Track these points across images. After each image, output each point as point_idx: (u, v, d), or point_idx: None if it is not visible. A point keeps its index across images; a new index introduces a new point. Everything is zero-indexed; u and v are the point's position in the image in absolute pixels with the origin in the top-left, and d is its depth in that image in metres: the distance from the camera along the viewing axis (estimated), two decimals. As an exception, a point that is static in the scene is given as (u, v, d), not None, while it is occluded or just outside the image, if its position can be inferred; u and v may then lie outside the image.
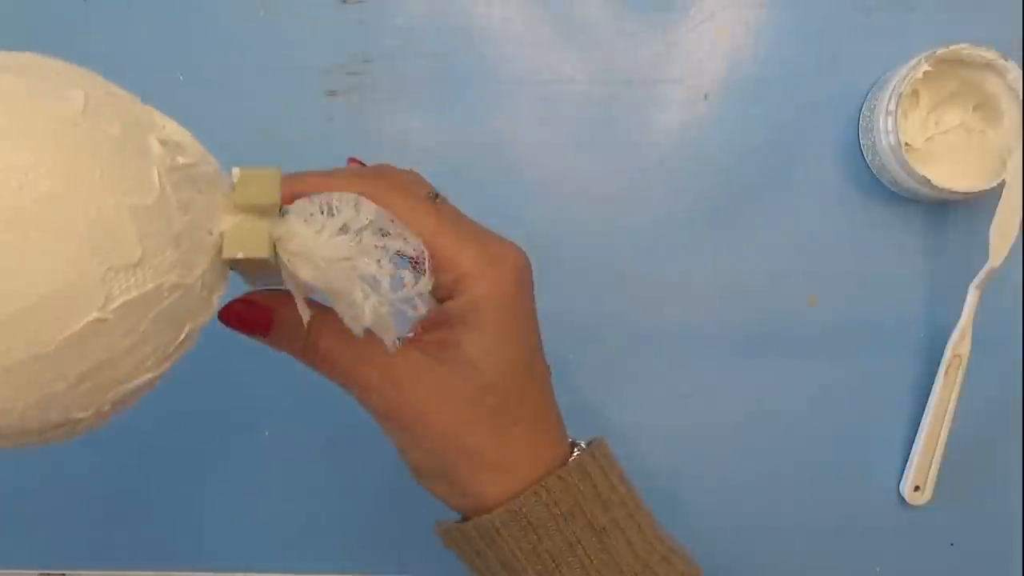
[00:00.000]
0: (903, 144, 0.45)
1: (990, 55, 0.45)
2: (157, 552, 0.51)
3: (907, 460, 0.50)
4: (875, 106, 0.47)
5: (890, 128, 0.45)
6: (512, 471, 0.31)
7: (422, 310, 0.27)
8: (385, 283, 0.26)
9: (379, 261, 0.26)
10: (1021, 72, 0.45)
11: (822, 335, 0.50)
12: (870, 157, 0.49)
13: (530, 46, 0.50)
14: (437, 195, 0.32)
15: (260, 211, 0.26)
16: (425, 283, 0.27)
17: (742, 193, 0.50)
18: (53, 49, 0.52)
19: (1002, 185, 0.45)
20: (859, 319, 0.50)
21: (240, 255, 0.25)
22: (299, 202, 0.26)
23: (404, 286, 0.27)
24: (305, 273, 0.26)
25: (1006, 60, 0.45)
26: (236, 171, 0.26)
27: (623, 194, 0.50)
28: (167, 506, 0.51)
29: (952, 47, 0.45)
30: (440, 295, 0.31)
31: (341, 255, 0.25)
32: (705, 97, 0.50)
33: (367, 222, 0.26)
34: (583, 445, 0.34)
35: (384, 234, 0.26)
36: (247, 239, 0.25)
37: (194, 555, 0.51)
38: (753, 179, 0.50)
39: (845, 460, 0.50)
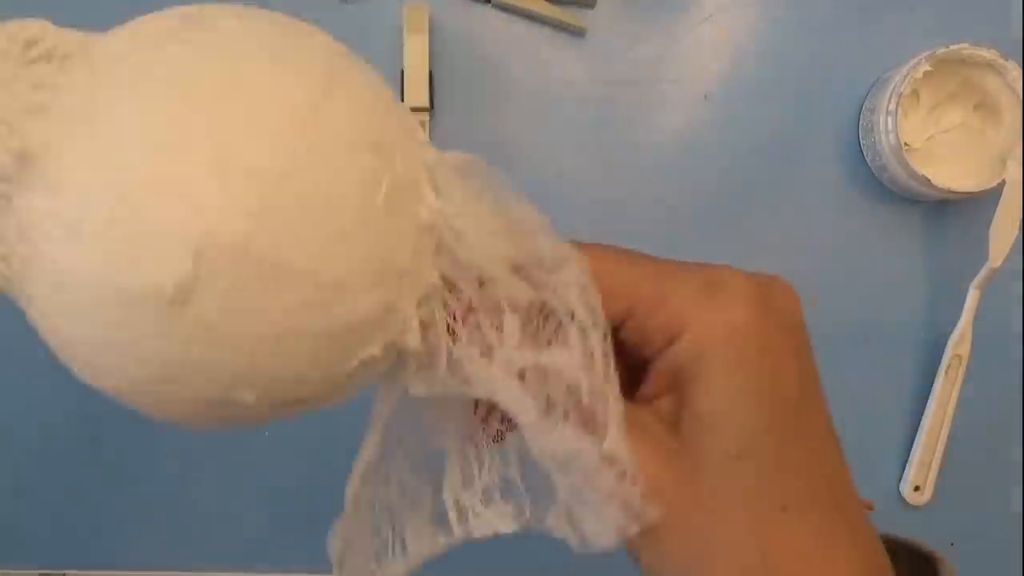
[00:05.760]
0: (903, 144, 0.45)
1: (990, 55, 0.45)
2: (157, 552, 0.51)
3: (907, 460, 0.50)
4: (875, 106, 0.47)
5: (890, 128, 0.45)
6: None
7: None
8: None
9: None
10: (1021, 72, 0.45)
11: (822, 335, 0.49)
12: (870, 157, 0.49)
13: (530, 46, 0.50)
14: None
15: None
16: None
17: (742, 193, 0.50)
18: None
19: (1002, 185, 0.46)
20: (859, 319, 0.50)
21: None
22: None
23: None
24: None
25: (1006, 60, 0.45)
26: None
27: (623, 194, 0.50)
28: (167, 506, 0.51)
29: (952, 47, 0.45)
30: (655, 345, 0.23)
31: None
32: (705, 97, 0.50)
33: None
34: (924, 552, 0.25)
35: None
36: None
37: (194, 555, 0.51)
38: (753, 179, 0.50)
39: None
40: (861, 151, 0.49)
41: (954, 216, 0.50)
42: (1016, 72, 0.45)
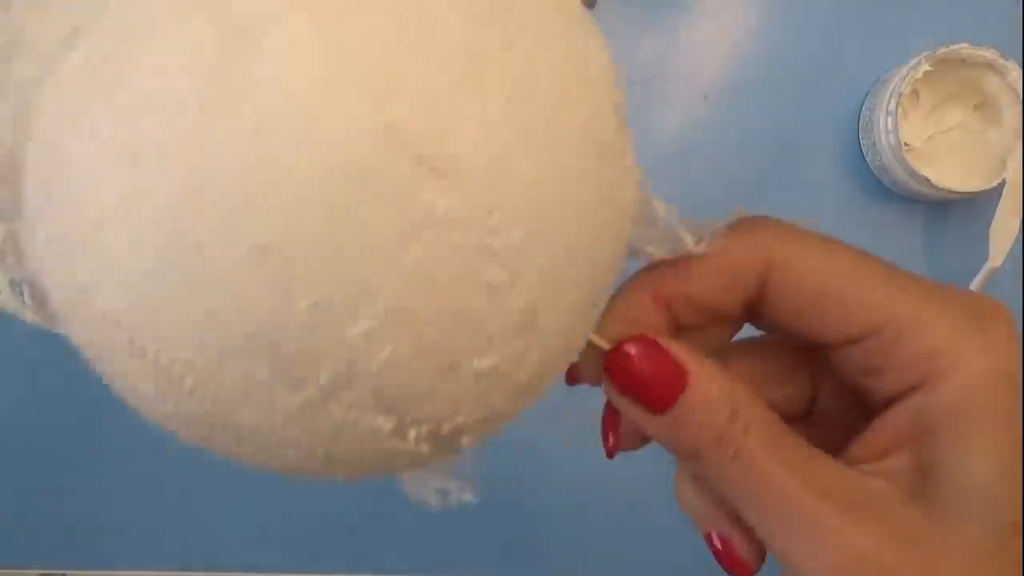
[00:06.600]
0: (903, 144, 0.45)
1: (990, 55, 0.45)
2: (157, 552, 0.51)
3: (907, 460, 0.49)
4: (875, 106, 0.47)
5: (890, 128, 0.45)
6: None
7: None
8: None
9: None
10: (1021, 72, 0.45)
11: (822, 335, 0.50)
12: (870, 157, 0.49)
13: (530, 46, 0.50)
14: None
15: None
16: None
17: (742, 193, 0.50)
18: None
19: (1002, 185, 0.46)
20: (859, 319, 0.50)
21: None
22: None
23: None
24: None
25: (1006, 60, 0.45)
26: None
27: (623, 194, 0.50)
28: (167, 506, 0.51)
29: (952, 47, 0.45)
30: (899, 383, 0.19)
31: None
32: (705, 97, 0.50)
33: None
34: None
35: None
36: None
37: (194, 555, 0.51)
38: (753, 179, 0.50)
39: (845, 460, 0.50)
40: (861, 151, 0.50)
41: (954, 216, 0.50)
42: (1016, 72, 0.45)
